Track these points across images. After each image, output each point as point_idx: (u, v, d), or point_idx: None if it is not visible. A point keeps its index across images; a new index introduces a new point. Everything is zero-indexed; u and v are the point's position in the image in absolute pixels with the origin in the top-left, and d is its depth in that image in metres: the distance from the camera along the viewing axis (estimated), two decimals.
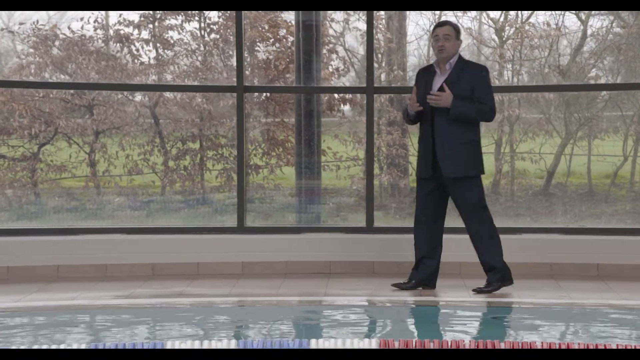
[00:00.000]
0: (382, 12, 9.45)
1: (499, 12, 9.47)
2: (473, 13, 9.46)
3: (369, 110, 7.97)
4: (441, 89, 6.77)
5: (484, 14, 9.44)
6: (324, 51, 9.51)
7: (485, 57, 9.74)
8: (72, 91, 9.05)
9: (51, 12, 9.30)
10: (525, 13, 9.42)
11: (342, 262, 7.60)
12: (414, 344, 4.77)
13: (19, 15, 9.29)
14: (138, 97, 9.29)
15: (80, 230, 7.90)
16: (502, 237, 7.24)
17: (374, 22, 8.40)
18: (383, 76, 9.55)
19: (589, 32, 9.43)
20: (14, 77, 9.08)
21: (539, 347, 4.67)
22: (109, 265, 7.60)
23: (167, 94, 9.16)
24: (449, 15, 9.42)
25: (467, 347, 4.78)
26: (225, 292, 7.01)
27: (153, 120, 9.20)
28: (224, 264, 7.65)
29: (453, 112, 6.72)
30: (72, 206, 9.03)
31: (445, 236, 7.11)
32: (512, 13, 9.46)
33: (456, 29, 6.93)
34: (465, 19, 9.49)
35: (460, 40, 6.97)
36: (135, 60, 9.24)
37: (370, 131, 7.97)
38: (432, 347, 4.79)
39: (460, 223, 7.08)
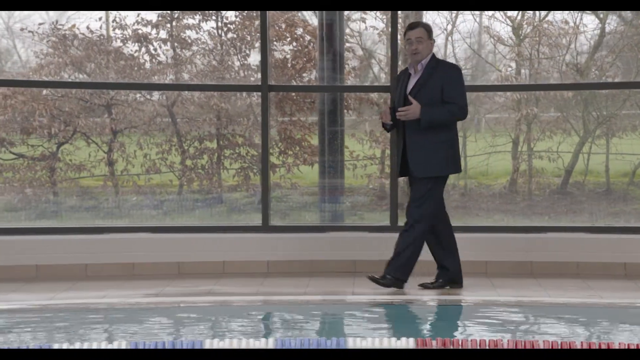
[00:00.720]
0: (400, 11, 9.46)
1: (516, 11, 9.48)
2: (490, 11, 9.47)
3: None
4: (408, 102, 6.82)
5: (500, 12, 9.45)
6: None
7: (502, 55, 9.75)
8: (90, 91, 9.07)
9: (69, 12, 9.31)
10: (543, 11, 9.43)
11: (367, 261, 7.60)
12: (451, 343, 4.78)
13: (36, 15, 9.33)
14: (156, 96, 9.31)
15: (107, 229, 7.92)
16: (526, 236, 7.27)
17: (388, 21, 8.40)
18: None
19: (607, 29, 9.45)
20: (34, 77, 9.09)
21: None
22: (135, 264, 7.62)
23: (185, 93, 9.18)
24: (465, 14, 9.43)
25: (505, 346, 4.78)
26: (253, 290, 7.04)
27: (170, 119, 9.22)
28: (250, 262, 7.65)
29: (424, 121, 6.76)
30: (90, 205, 9.05)
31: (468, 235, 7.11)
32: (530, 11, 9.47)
33: (428, 30, 6.97)
34: (483, 18, 9.51)
35: (432, 41, 7.00)
36: (153, 60, 9.25)
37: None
38: (469, 347, 4.80)
39: (477, 222, 7.08)
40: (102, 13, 9.21)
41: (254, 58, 9.38)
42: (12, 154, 9.08)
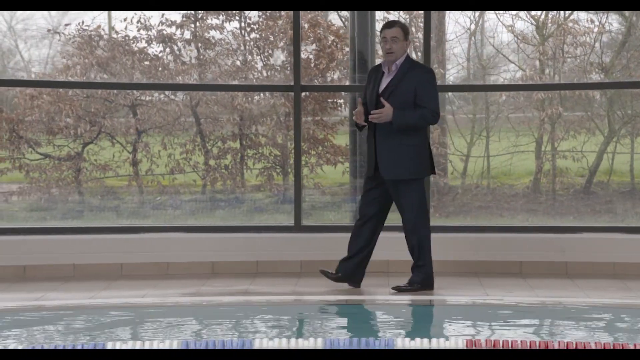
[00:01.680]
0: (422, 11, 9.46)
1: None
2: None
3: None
4: (380, 104, 6.79)
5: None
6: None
7: (526, 55, 9.75)
8: (115, 91, 9.09)
9: (95, 12, 9.32)
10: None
11: (400, 260, 7.61)
12: (501, 344, 4.78)
13: (63, 16, 9.34)
14: (180, 96, 9.32)
15: (142, 229, 7.95)
16: (561, 236, 7.27)
17: (410, 20, 8.43)
18: None
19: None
20: (60, 78, 9.11)
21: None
22: (170, 264, 7.64)
23: (209, 93, 9.20)
24: (498, 13, 9.42)
25: (555, 347, 4.78)
26: (289, 290, 7.05)
27: (194, 119, 9.23)
28: (283, 262, 7.67)
29: (396, 125, 6.75)
30: (114, 205, 9.07)
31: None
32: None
33: (404, 30, 6.93)
34: (506, 17, 9.49)
35: (408, 41, 6.97)
36: (177, 60, 9.26)
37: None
38: (519, 347, 4.79)
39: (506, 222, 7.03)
40: (123, 13, 9.20)
41: (277, 58, 9.39)
42: (39, 154, 9.08)
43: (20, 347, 5.02)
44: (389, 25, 6.93)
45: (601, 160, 9.33)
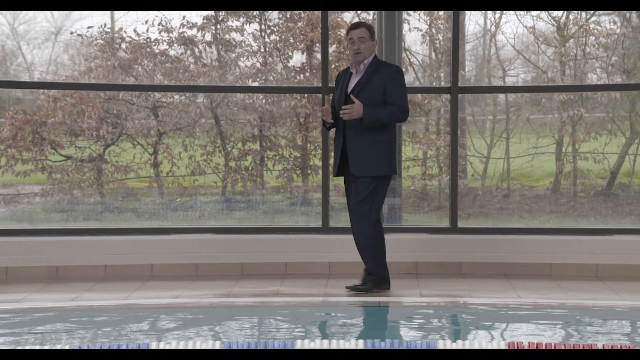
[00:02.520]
0: (442, 12, 9.48)
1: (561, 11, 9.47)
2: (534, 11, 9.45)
3: (453, 110, 7.97)
4: (350, 101, 6.82)
5: (545, 12, 9.44)
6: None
7: (547, 56, 9.75)
8: (137, 93, 9.09)
9: (116, 15, 9.33)
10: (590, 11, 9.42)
11: (428, 262, 7.62)
12: (544, 345, 4.79)
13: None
14: (200, 98, 9.32)
15: (172, 230, 7.96)
16: (591, 238, 7.24)
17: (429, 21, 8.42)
18: (442, 76, 9.57)
19: None
20: (83, 80, 9.12)
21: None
22: (199, 265, 7.64)
23: (230, 95, 9.21)
24: (509, 14, 9.42)
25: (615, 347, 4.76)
26: (319, 291, 7.07)
27: (214, 121, 9.24)
28: (312, 263, 7.68)
29: (366, 121, 6.77)
30: (135, 206, 9.09)
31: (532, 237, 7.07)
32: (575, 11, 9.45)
33: (371, 31, 6.98)
34: (527, 18, 9.49)
35: (375, 41, 7.01)
36: (197, 62, 9.27)
37: (454, 131, 7.97)
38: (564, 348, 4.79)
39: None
40: (145, 16, 9.22)
41: (296, 60, 9.41)
42: (61, 156, 9.09)
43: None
44: (355, 26, 6.98)
45: (623, 162, 9.31)
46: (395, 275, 7.48)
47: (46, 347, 4.95)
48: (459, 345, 4.79)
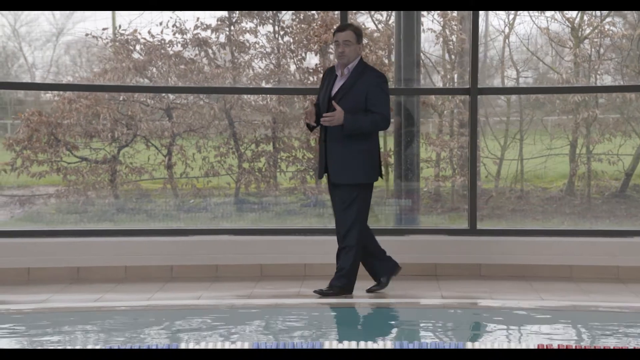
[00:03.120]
0: (456, 13, 9.47)
1: (575, 12, 9.45)
2: (549, 12, 9.44)
3: (472, 111, 7.96)
4: (332, 108, 6.78)
5: (559, 13, 9.42)
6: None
7: (561, 57, 9.74)
8: (151, 94, 9.10)
9: (133, 17, 9.32)
10: (604, 12, 9.40)
11: (447, 264, 7.62)
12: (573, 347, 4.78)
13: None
14: (214, 99, 9.32)
15: (191, 231, 7.97)
16: (612, 240, 7.22)
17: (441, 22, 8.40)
18: (456, 77, 9.57)
19: None
20: (98, 81, 9.12)
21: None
22: (219, 266, 7.63)
23: (245, 96, 9.21)
24: (524, 15, 9.40)
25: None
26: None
27: (228, 122, 9.23)
28: (330, 265, 7.65)
29: (347, 129, 6.74)
30: (149, 208, 9.09)
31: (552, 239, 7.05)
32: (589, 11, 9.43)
33: (357, 34, 6.91)
34: (541, 19, 9.48)
35: (361, 45, 6.95)
36: (211, 64, 9.26)
37: (473, 133, 7.95)
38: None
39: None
40: (159, 18, 9.21)
41: (310, 61, 9.41)
42: (76, 157, 9.10)
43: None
44: (341, 29, 6.94)
45: (637, 163, 9.29)
46: (414, 277, 7.50)
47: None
48: (487, 345, 4.79)
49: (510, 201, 9.30)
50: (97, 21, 9.23)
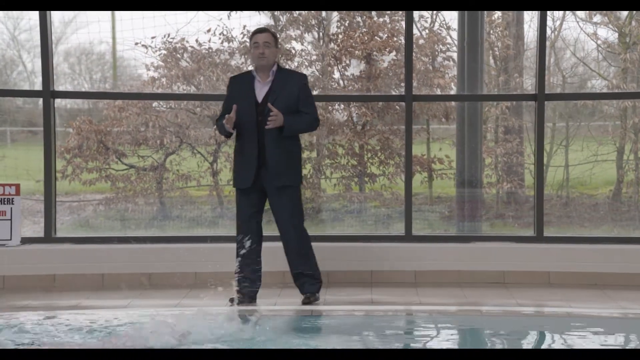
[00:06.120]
0: (501, 19, 9.45)
1: (624, 15, 9.43)
2: (597, 18, 9.41)
3: (539, 117, 7.91)
4: (268, 108, 6.74)
5: (607, 18, 9.39)
6: (440, 59, 9.50)
7: (608, 63, 9.71)
8: (199, 102, 9.09)
9: (179, 24, 9.30)
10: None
11: (515, 271, 7.57)
12: None
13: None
14: None
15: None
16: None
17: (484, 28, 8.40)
18: (501, 83, 9.54)
19: None
20: (146, 90, 9.12)
21: None
22: (285, 272, 7.48)
23: None
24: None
25: None
26: (414, 300, 7.03)
27: None
28: (397, 272, 7.63)
29: (286, 130, 6.76)
30: (195, 215, 9.06)
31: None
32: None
33: (275, 37, 6.95)
34: (588, 25, 9.45)
35: (278, 48, 6.99)
36: None
37: (540, 140, 7.91)
38: None
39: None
40: (206, 26, 9.20)
41: (354, 69, 9.39)
42: (124, 165, 9.08)
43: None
44: (260, 30, 6.95)
45: None
46: (482, 285, 7.44)
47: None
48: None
49: (556, 208, 9.25)
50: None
